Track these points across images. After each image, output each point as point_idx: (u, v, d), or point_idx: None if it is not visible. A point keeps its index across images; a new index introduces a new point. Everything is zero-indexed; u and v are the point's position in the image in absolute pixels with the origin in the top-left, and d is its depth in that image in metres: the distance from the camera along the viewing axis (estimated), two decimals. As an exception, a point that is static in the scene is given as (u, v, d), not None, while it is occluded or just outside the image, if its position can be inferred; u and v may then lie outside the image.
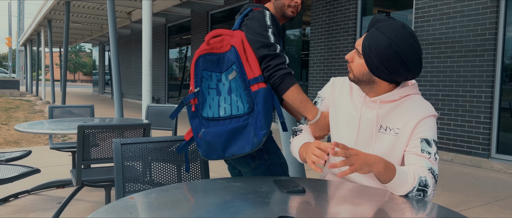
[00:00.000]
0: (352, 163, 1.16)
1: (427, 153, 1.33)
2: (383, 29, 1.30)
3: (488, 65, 5.00)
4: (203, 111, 1.54)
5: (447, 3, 5.42)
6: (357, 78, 1.40)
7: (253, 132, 1.47)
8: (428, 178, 1.28)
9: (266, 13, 1.59)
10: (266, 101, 1.46)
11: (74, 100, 18.29)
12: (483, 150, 5.09)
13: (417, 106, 1.38)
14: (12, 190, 3.62)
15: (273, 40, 1.53)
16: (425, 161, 1.32)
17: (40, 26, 15.52)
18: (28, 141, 6.47)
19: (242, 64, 1.48)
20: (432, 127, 1.36)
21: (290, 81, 1.50)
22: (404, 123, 1.37)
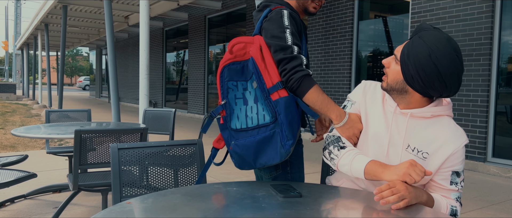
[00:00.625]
0: (405, 197, 1.17)
1: (455, 184, 1.33)
2: (426, 38, 1.25)
3: (484, 69, 5.03)
4: (231, 122, 1.52)
5: (443, 8, 5.46)
6: (390, 86, 1.34)
7: (280, 143, 1.44)
8: (457, 207, 1.33)
9: (283, 12, 1.51)
10: (288, 110, 1.43)
11: (71, 104, 18.25)
12: (479, 154, 5.11)
13: (450, 133, 1.33)
14: (8, 194, 3.60)
15: (290, 41, 1.46)
16: (453, 193, 1.33)
17: (37, 29, 15.50)
18: (25, 145, 6.45)
19: (260, 73, 1.45)
20: (463, 158, 1.34)
21: (308, 83, 1.43)
22: (434, 149, 1.32)
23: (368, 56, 6.88)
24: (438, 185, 1.34)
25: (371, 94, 1.45)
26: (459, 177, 1.33)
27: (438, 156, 1.32)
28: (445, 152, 1.31)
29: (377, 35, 6.71)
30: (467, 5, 5.19)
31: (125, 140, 2.69)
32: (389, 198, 1.15)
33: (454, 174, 1.32)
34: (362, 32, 6.94)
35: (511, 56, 4.94)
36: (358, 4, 6.95)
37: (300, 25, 1.56)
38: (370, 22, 6.81)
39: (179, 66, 13.82)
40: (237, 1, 10.05)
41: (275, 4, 1.61)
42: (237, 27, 10.39)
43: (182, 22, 13.29)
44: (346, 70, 7.05)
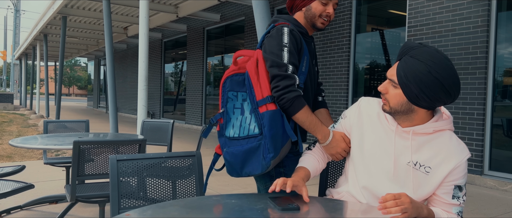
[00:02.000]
0: (407, 211, 1.18)
1: (456, 198, 1.34)
2: (419, 56, 1.26)
3: (480, 83, 5.08)
4: (226, 130, 1.58)
5: (439, 22, 5.52)
6: (395, 109, 1.35)
7: (262, 155, 1.50)
8: None
9: (284, 30, 1.55)
10: (272, 124, 1.47)
11: (68, 115, 18.20)
12: (476, 167, 5.13)
13: (453, 147, 1.34)
14: (4, 205, 3.58)
15: (286, 60, 1.50)
16: (455, 207, 1.34)
17: (36, 40, 15.55)
18: (21, 156, 6.42)
19: (252, 86, 1.51)
20: (465, 173, 1.35)
21: (299, 104, 1.49)
22: (437, 163, 1.34)
23: (365, 68, 6.93)
24: (440, 199, 1.35)
25: (367, 111, 1.48)
26: (461, 191, 1.34)
27: (441, 170, 1.33)
28: (447, 166, 1.32)
29: (374, 48, 6.78)
30: (462, 19, 5.26)
31: (123, 151, 2.69)
32: (392, 209, 1.16)
33: (456, 188, 1.33)
34: (359, 45, 7.00)
35: (506, 69, 5.00)
36: (355, 17, 7.03)
37: (300, 43, 1.58)
38: (367, 35, 6.88)
39: (177, 77, 13.86)
40: (236, 13, 10.14)
41: (281, 20, 1.65)
42: (235, 39, 10.46)
43: (181, 34, 13.37)
44: (344, 82, 7.09)
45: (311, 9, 1.65)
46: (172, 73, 14.24)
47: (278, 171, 1.63)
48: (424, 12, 5.71)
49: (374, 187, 1.40)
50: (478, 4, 5.10)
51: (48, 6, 10.05)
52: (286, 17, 1.67)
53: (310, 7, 1.65)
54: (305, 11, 1.66)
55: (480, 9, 5.08)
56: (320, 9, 1.64)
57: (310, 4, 1.64)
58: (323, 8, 1.64)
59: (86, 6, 9.95)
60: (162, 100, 14.88)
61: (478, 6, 5.11)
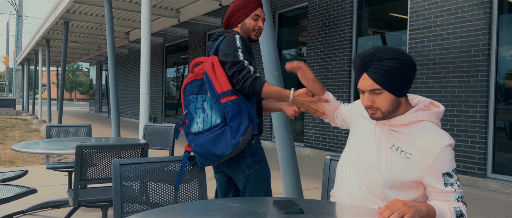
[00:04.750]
0: (406, 213, 1.21)
1: (450, 185, 1.36)
2: (386, 56, 1.37)
3: (482, 85, 5.07)
4: (191, 128, 1.87)
5: (441, 25, 5.53)
6: (388, 111, 1.41)
7: (230, 136, 1.77)
8: (461, 207, 1.35)
9: (236, 36, 1.86)
10: (236, 110, 1.77)
11: (70, 119, 18.24)
12: (479, 169, 5.11)
13: (432, 136, 1.38)
14: (7, 210, 3.58)
15: (241, 58, 1.80)
16: (451, 194, 1.36)
17: (38, 45, 15.61)
18: (24, 161, 6.43)
19: (211, 81, 1.80)
20: (450, 158, 1.37)
21: (259, 83, 1.75)
22: (417, 151, 1.39)
23: (367, 72, 6.93)
24: (434, 189, 1.38)
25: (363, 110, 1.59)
26: (452, 178, 1.37)
27: (422, 159, 1.38)
28: (428, 155, 1.37)
29: (375, 51, 6.78)
30: (464, 22, 5.26)
31: (125, 156, 2.69)
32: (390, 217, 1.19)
33: (445, 175, 1.37)
34: (361, 48, 7.00)
35: (509, 71, 4.99)
36: (357, 20, 7.04)
37: (249, 46, 1.89)
38: (369, 39, 6.88)
39: (179, 81, 13.88)
40: (237, 17, 10.16)
41: (228, 32, 1.95)
42: (237, 43, 10.48)
43: (182, 38, 13.40)
44: (345, 86, 7.09)
45: (246, 25, 1.99)
46: (174, 78, 14.27)
47: (253, 160, 1.89)
48: (425, 15, 5.71)
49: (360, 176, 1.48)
50: (480, 7, 5.10)
51: (50, 11, 10.09)
52: (229, 31, 1.97)
53: (245, 23, 1.99)
54: (241, 27, 2.00)
55: (481, 12, 5.08)
56: (252, 24, 1.99)
57: (244, 20, 1.99)
58: (255, 23, 2.00)
59: (88, 11, 9.99)
60: (163, 104, 14.90)
61: (479, 8, 5.11)
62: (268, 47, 3.18)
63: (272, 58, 3.17)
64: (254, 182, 1.89)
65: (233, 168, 1.89)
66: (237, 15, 1.99)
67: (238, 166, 1.87)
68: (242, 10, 1.98)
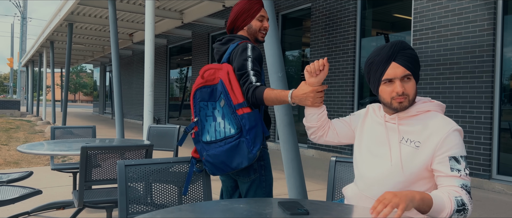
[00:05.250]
0: (399, 203, 1.19)
1: (456, 171, 1.36)
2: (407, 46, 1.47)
3: (487, 86, 5.05)
4: (203, 136, 1.83)
5: (445, 25, 5.51)
6: (413, 98, 1.47)
7: (247, 149, 1.76)
8: (463, 196, 1.32)
9: (248, 45, 1.86)
10: (252, 123, 1.76)
11: (74, 121, 18.30)
12: (484, 171, 5.08)
13: (440, 121, 1.43)
14: (12, 211, 3.60)
15: (249, 68, 1.81)
16: (456, 180, 1.35)
17: (43, 47, 15.68)
18: (28, 162, 6.46)
19: (228, 92, 1.79)
20: (458, 143, 1.38)
21: (259, 92, 1.74)
22: (425, 138, 1.42)
23: (370, 73, 6.92)
24: (439, 173, 1.38)
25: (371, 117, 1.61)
26: (459, 164, 1.36)
27: (430, 143, 1.40)
28: (435, 138, 1.40)
29: (379, 52, 6.76)
30: (468, 23, 5.24)
31: (129, 157, 2.70)
32: (384, 211, 1.17)
33: (452, 159, 1.37)
34: (365, 49, 6.99)
35: (513, 73, 4.96)
36: (360, 21, 7.03)
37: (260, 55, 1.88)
38: (373, 39, 6.87)
39: (182, 82, 13.90)
40: (240, 18, 10.17)
41: (238, 39, 1.95)
42: (240, 44, 10.49)
43: (186, 40, 13.42)
44: (349, 87, 7.08)
45: (252, 27, 1.99)
46: (177, 79, 14.29)
47: (259, 164, 1.90)
48: (430, 15, 5.70)
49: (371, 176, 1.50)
50: (484, 7, 5.08)
51: (55, 13, 10.14)
52: (239, 36, 1.97)
53: (251, 25, 1.99)
54: (247, 29, 2.00)
55: (486, 12, 5.06)
56: (258, 25, 2.00)
57: (250, 22, 1.99)
58: (261, 24, 2.00)
59: (92, 13, 10.03)
60: (167, 106, 14.92)
61: (484, 9, 5.09)
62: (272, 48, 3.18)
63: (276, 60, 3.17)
64: (257, 187, 1.90)
65: (240, 172, 1.88)
66: (242, 18, 1.98)
67: (244, 170, 1.86)
68: (247, 13, 1.97)
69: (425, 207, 1.27)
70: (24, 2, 34.59)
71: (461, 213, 1.30)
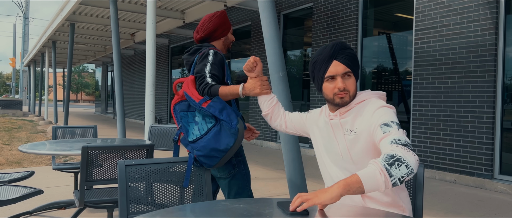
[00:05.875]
0: (306, 199, 1.24)
1: (388, 132, 1.42)
2: (346, 46, 1.61)
3: (489, 86, 5.03)
4: (188, 138, 2.00)
5: (447, 25, 5.49)
6: (353, 94, 1.60)
7: (227, 127, 1.93)
8: (394, 150, 1.31)
9: (210, 51, 2.12)
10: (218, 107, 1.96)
11: (76, 121, 18.34)
12: (486, 171, 5.07)
13: (370, 104, 1.55)
14: (13, 211, 3.60)
15: (207, 71, 2.07)
16: (388, 138, 1.39)
17: (45, 47, 15.72)
18: (30, 161, 6.47)
19: (190, 96, 2.03)
20: (387, 113, 1.48)
21: (214, 89, 2.01)
22: (360, 121, 1.55)
23: (372, 72, 6.90)
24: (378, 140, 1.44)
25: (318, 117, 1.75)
26: (390, 127, 1.42)
27: (365, 124, 1.52)
28: (368, 116, 1.52)
29: (381, 52, 6.75)
30: (470, 22, 5.23)
31: (131, 157, 2.70)
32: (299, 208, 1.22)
33: (383, 126, 1.44)
34: (366, 49, 6.98)
35: (516, 72, 4.94)
36: (362, 21, 7.02)
37: (222, 59, 2.14)
38: (374, 39, 6.85)
39: (184, 82, 13.90)
40: (242, 18, 10.17)
41: (205, 48, 2.19)
42: (241, 44, 10.49)
43: (188, 39, 13.43)
44: (351, 86, 7.07)
45: (228, 39, 2.34)
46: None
47: (237, 160, 2.11)
48: (431, 15, 5.68)
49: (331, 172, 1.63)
50: (486, 7, 5.06)
51: (57, 13, 10.16)
52: (206, 45, 2.23)
53: (228, 37, 2.33)
54: (224, 40, 2.31)
55: (488, 12, 5.04)
56: (231, 38, 2.35)
57: (227, 35, 2.32)
58: (232, 36, 2.37)
59: (94, 13, 10.05)
60: (169, 105, 14.93)
61: (486, 8, 5.07)
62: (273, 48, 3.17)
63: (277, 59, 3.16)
64: (239, 181, 2.11)
65: (219, 169, 2.09)
66: (220, 30, 2.27)
67: (224, 166, 2.08)
68: (225, 26, 2.29)
69: (357, 188, 1.24)
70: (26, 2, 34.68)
71: (395, 166, 1.25)
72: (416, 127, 5.90)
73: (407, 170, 1.26)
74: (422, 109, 5.81)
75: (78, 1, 8.21)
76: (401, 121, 6.32)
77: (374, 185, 1.25)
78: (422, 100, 5.81)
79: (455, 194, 4.75)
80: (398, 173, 1.25)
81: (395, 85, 6.49)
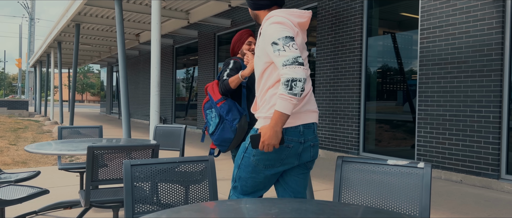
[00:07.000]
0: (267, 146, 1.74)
1: (277, 51, 1.73)
2: None
3: (495, 85, 4.99)
4: (209, 130, 2.78)
5: (453, 24, 5.46)
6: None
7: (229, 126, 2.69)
8: (286, 74, 1.68)
9: (230, 61, 2.83)
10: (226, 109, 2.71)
11: (81, 121, 18.43)
12: (493, 171, 5.03)
13: (265, 22, 1.86)
14: (20, 211, 3.62)
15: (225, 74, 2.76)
16: (278, 61, 1.73)
17: (50, 47, 15.81)
18: (36, 161, 6.51)
19: (211, 94, 2.79)
20: (273, 30, 1.77)
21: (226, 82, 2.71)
22: (258, 42, 1.91)
23: (377, 72, 6.88)
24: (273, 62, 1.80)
25: None
26: (278, 45, 1.73)
27: (260, 43, 1.87)
28: (260, 36, 1.86)
29: (386, 51, 6.72)
30: (476, 21, 5.19)
31: (136, 157, 2.70)
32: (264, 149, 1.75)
33: (273, 44, 1.75)
34: (371, 48, 6.95)
35: (523, 71, 4.90)
36: (367, 20, 6.99)
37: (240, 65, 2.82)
38: (379, 38, 6.83)
39: (188, 82, 13.93)
40: (246, 18, 10.17)
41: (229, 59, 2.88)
42: (246, 44, 10.48)
43: (192, 40, 13.45)
44: (356, 86, 7.04)
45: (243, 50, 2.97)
46: (184, 79, 14.33)
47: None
48: (437, 14, 5.65)
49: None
50: (492, 5, 5.03)
51: (62, 14, 10.21)
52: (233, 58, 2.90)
53: (242, 50, 2.97)
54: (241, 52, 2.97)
55: (494, 10, 5.01)
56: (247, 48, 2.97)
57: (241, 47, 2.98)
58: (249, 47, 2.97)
59: (99, 14, 10.09)
60: (174, 105, 14.96)
61: (492, 7, 5.03)
62: (278, 47, 3.24)
63: (282, 59, 3.22)
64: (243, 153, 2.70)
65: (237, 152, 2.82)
66: (237, 46, 2.97)
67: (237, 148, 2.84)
68: (239, 42, 2.96)
69: (284, 118, 1.70)
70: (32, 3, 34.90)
71: (293, 85, 1.66)
72: (422, 126, 5.87)
73: (301, 83, 1.69)
74: (428, 108, 5.77)
75: (83, 2, 8.25)
76: (407, 121, 6.30)
77: (290, 107, 1.69)
78: (428, 100, 5.78)
79: (461, 194, 4.72)
80: (298, 89, 1.68)
81: (400, 84, 6.46)
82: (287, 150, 1.86)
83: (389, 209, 1.46)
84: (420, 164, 1.68)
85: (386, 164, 1.76)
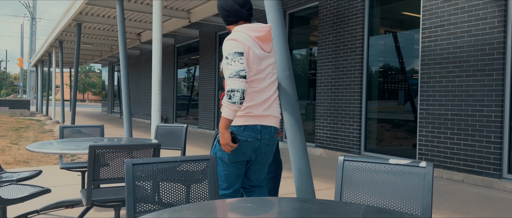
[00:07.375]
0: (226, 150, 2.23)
1: (227, 65, 2.10)
2: None
3: (497, 84, 4.98)
4: None
5: (454, 23, 5.45)
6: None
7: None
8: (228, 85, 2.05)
9: None
10: None
11: (83, 120, 18.45)
12: (495, 170, 5.02)
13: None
14: (21, 210, 3.63)
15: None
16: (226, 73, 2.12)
17: (52, 47, 15.82)
18: (38, 161, 6.52)
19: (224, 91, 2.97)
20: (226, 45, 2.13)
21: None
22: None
23: (378, 71, 6.87)
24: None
25: None
26: (227, 59, 2.10)
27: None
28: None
29: (387, 50, 6.71)
30: (478, 20, 5.18)
31: (138, 156, 2.70)
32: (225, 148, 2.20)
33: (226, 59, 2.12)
34: (373, 47, 6.94)
35: (524, 70, 4.89)
36: (368, 19, 6.98)
37: None
38: (381, 38, 6.82)
39: (189, 82, 13.93)
40: (248, 17, 10.16)
41: None
42: (247, 43, 10.48)
43: (193, 39, 13.45)
44: (357, 85, 7.03)
45: None
46: (185, 78, 14.33)
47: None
48: (439, 13, 5.64)
49: None
50: (494, 4, 5.01)
51: (63, 13, 10.22)
52: None
53: None
54: None
55: (496, 10, 4.99)
56: None
57: None
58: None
59: (100, 13, 10.10)
60: (175, 105, 14.97)
61: (494, 6, 5.02)
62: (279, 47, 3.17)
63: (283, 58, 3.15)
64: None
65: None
66: None
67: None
68: None
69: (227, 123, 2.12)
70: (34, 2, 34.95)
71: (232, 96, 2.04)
72: (423, 126, 5.86)
73: (239, 93, 2.05)
74: (429, 108, 5.76)
75: (85, 1, 8.25)
76: (408, 120, 6.29)
77: (231, 113, 2.09)
78: (429, 99, 5.77)
79: (463, 194, 4.71)
80: (236, 98, 2.05)
81: (402, 84, 6.45)
82: (246, 144, 2.29)
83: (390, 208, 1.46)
84: (422, 164, 1.67)
85: (388, 163, 1.76)
